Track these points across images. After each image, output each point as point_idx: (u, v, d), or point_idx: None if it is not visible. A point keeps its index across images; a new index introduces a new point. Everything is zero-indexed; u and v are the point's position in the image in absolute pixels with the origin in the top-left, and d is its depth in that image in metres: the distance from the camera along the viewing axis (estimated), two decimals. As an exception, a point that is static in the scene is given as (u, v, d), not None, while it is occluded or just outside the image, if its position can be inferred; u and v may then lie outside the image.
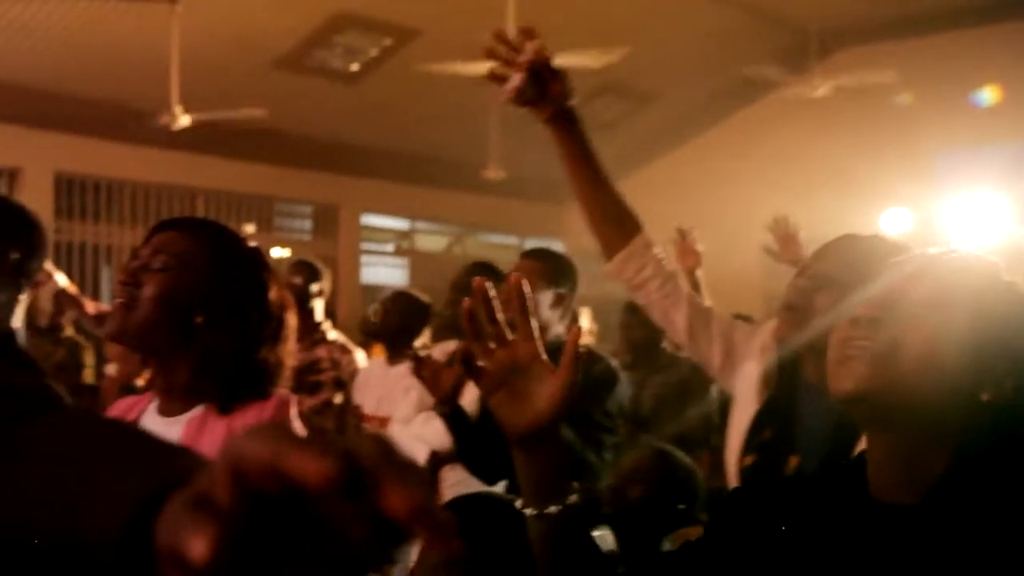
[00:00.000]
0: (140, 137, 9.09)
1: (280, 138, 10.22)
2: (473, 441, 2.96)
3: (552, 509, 1.23)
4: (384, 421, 3.77)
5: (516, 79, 2.14)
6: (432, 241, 13.78)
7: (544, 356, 1.22)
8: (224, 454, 0.52)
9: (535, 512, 1.24)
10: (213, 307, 1.72)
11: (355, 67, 9.88)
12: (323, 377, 4.44)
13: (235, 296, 1.74)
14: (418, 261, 13.17)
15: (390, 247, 13.25)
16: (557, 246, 12.58)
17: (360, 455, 0.52)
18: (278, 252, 10.29)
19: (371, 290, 12.24)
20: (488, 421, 1.30)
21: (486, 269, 3.69)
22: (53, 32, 7.95)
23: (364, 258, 12.51)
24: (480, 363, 1.22)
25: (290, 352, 1.83)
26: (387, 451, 0.53)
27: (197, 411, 1.74)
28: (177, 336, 1.70)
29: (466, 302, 1.21)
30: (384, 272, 12.96)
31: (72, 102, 8.76)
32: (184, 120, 7.94)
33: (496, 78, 2.18)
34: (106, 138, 9.32)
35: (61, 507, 0.71)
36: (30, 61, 8.09)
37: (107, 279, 10.12)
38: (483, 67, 2.23)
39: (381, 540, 0.52)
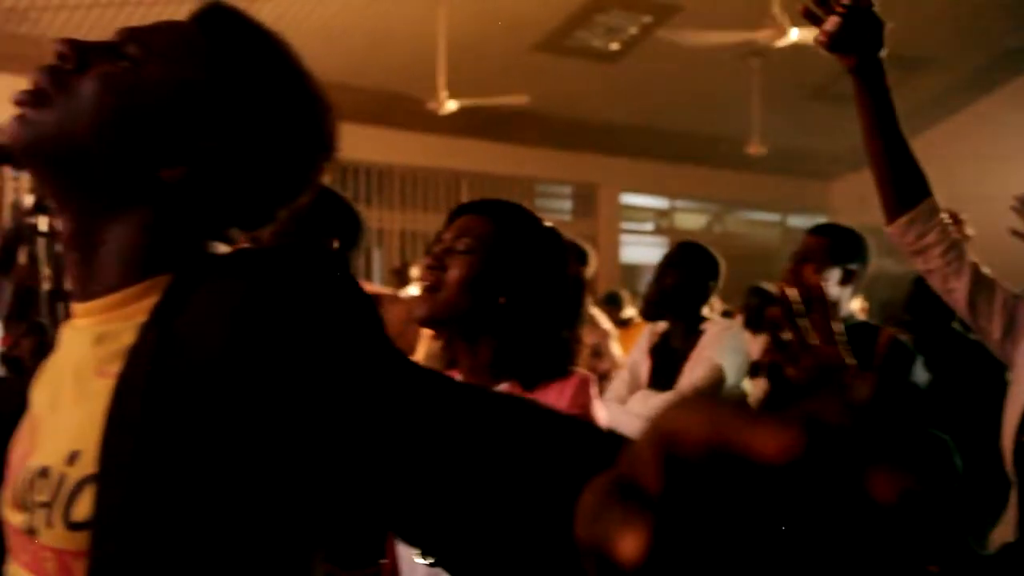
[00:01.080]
0: (408, 123, 9.46)
1: (541, 120, 10.38)
2: None
3: None
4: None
5: (832, 22, 2.05)
6: (692, 219, 13.63)
7: (848, 359, 1.17)
8: (652, 430, 0.45)
9: None
10: (516, 287, 1.75)
11: (615, 46, 9.89)
12: None
13: (536, 276, 1.77)
14: (677, 239, 12.99)
15: (649, 226, 13.21)
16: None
17: (835, 425, 0.42)
18: (539, 232, 10.47)
19: (630, 269, 12.26)
20: None
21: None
22: (329, 26, 8.37)
23: (623, 237, 12.54)
24: (788, 371, 1.18)
25: (587, 331, 1.85)
26: (868, 421, 0.42)
27: (501, 388, 1.76)
28: (482, 316, 1.74)
29: (769, 310, 1.18)
30: (643, 251, 12.94)
31: (345, 91, 9.19)
32: (450, 105, 8.19)
33: (809, 16, 2.10)
34: (377, 125, 9.75)
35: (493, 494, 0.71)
36: (304, 54, 8.54)
37: (378, 260, 10.60)
38: (745, 37, 2.16)
39: (848, 525, 0.42)
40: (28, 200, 4.82)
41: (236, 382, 0.84)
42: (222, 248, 1.01)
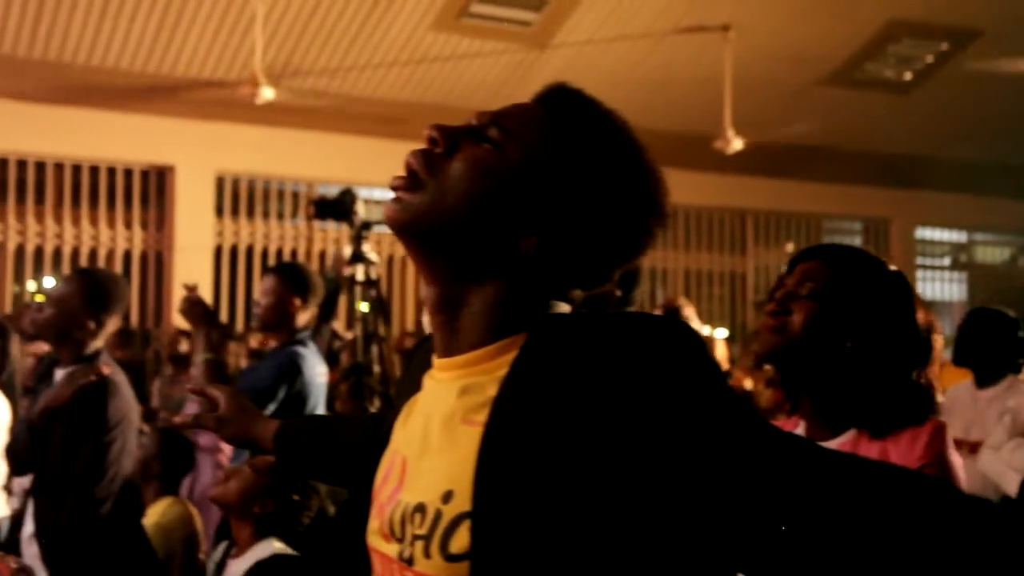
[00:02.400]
0: (694, 163, 9.45)
1: (829, 154, 10.12)
2: None
3: None
4: (975, 446, 3.58)
5: None
6: (993, 253, 12.89)
7: None
8: None
9: None
10: (862, 332, 1.74)
11: (908, 75, 9.53)
12: None
13: (883, 320, 1.75)
14: (977, 274, 12.39)
15: (946, 261, 12.59)
16: None
17: None
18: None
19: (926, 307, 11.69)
20: None
21: None
22: (615, 70, 8.51)
23: (918, 273, 12.01)
24: None
25: (936, 375, 1.80)
26: None
27: (848, 435, 1.76)
28: (826, 361, 1.75)
29: None
30: (940, 287, 12.36)
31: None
32: (737, 144, 8.13)
33: None
34: (663, 165, 9.78)
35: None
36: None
37: (661, 300, 10.61)
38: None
39: None
40: (347, 251, 5.16)
41: (599, 431, 0.92)
42: (564, 307, 1.10)
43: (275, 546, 2.72)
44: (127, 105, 8.54)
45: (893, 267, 1.83)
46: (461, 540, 0.96)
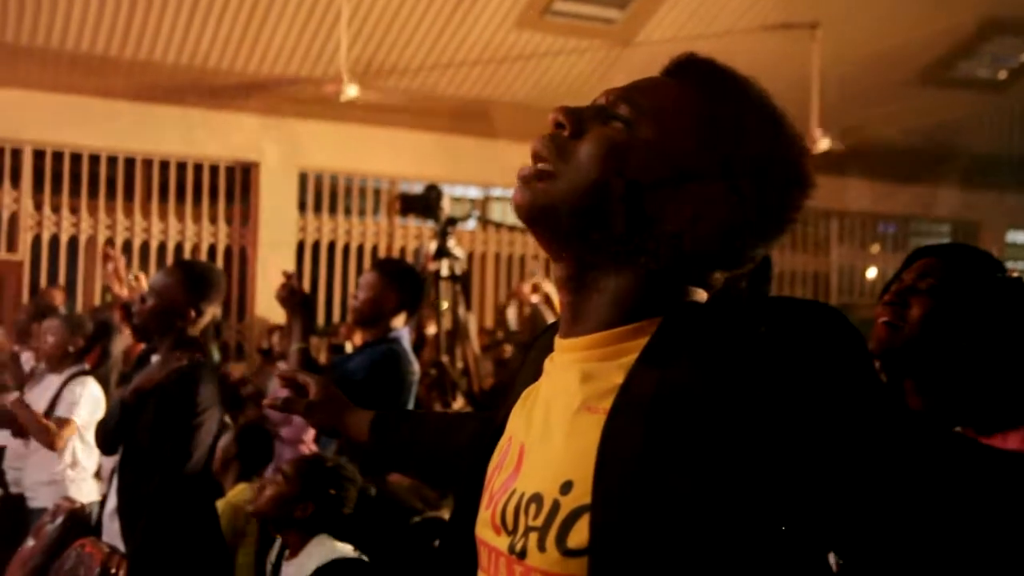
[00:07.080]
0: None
1: (920, 155, 9.90)
2: None
3: None
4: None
5: None
6: (1087, 258, 12.55)
7: None
8: None
9: None
10: (977, 330, 1.70)
11: (1003, 75, 9.30)
12: None
13: (1000, 321, 1.71)
14: (1070, 280, 12.07)
15: (1037, 265, 12.29)
16: None
17: None
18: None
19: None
20: None
21: None
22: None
23: (1009, 277, 11.74)
24: None
25: None
26: None
27: None
28: (941, 359, 1.71)
29: None
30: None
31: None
32: (824, 143, 7.99)
33: None
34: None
35: None
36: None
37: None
38: None
39: None
40: (431, 247, 5.16)
41: (736, 425, 0.85)
42: (701, 293, 1.02)
43: (326, 543, 2.74)
44: (214, 103, 8.66)
45: (1015, 273, 1.79)
46: (580, 534, 0.90)
